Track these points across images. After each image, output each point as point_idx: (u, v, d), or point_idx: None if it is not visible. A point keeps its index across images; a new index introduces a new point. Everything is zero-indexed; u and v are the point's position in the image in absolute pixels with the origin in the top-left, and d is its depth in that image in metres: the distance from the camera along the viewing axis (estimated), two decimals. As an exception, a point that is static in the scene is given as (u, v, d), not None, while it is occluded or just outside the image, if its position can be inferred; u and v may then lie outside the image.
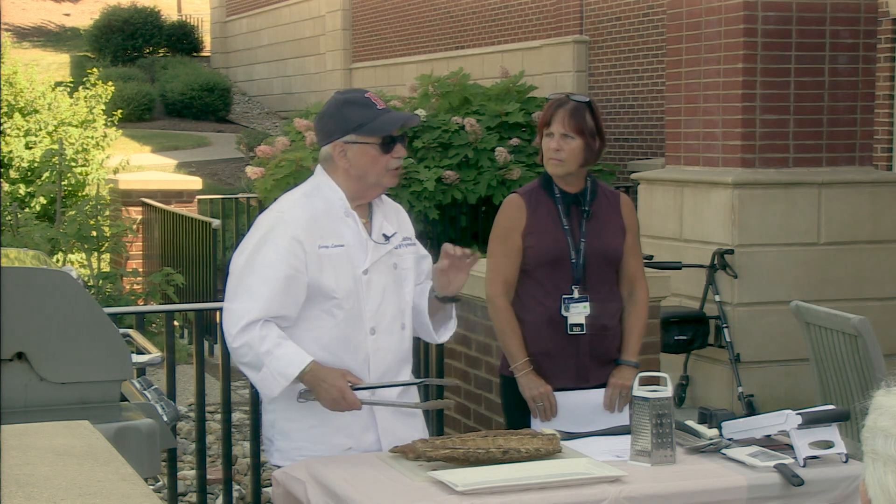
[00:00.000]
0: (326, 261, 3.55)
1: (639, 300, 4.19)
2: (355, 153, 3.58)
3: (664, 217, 7.72)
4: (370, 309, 3.62)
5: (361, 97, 3.61)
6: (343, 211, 3.60)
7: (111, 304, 8.38)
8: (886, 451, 1.86)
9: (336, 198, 3.60)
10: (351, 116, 3.56)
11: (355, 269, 3.59)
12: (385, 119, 3.58)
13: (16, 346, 3.29)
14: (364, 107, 3.58)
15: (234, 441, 5.93)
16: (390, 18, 19.17)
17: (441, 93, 12.11)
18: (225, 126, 22.68)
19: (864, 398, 1.96)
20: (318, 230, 3.55)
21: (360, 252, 3.60)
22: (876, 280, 7.41)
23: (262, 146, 11.97)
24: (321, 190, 3.62)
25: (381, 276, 3.64)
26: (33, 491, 2.13)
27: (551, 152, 4.05)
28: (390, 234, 3.67)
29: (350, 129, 3.56)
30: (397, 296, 3.68)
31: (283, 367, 3.49)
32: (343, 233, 3.59)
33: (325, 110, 3.65)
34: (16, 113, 14.21)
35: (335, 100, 3.65)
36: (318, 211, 3.58)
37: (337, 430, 3.61)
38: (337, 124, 3.59)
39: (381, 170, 3.60)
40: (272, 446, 3.73)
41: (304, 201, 3.60)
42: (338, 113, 3.59)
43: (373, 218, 3.68)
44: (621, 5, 13.39)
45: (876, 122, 7.74)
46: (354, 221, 3.62)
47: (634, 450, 3.44)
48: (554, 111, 4.06)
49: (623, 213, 4.19)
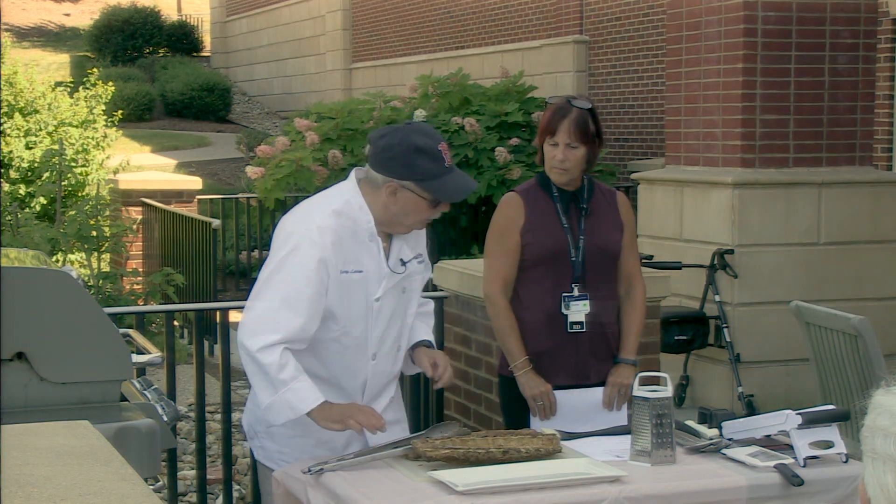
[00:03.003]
0: (345, 286, 3.50)
1: (636, 298, 4.20)
2: (406, 198, 3.50)
3: (664, 217, 7.72)
4: (375, 336, 3.60)
5: (434, 149, 3.48)
6: (368, 235, 3.53)
7: (111, 304, 8.38)
8: (885, 451, 1.86)
9: (364, 220, 3.52)
10: (419, 166, 3.46)
11: (368, 297, 3.55)
12: (451, 183, 3.50)
13: (16, 346, 3.29)
14: (435, 160, 3.47)
15: (234, 441, 5.93)
16: (390, 18, 19.17)
17: (441, 93, 12.11)
18: (225, 126, 22.68)
19: (864, 398, 1.96)
20: (343, 254, 3.49)
21: (375, 279, 3.56)
22: (876, 280, 7.41)
23: (262, 146, 11.97)
24: (351, 207, 3.53)
25: (390, 302, 3.60)
26: (33, 491, 2.13)
27: (556, 162, 4.04)
28: (407, 260, 3.62)
29: (413, 177, 3.47)
30: (401, 320, 3.67)
31: (296, 402, 3.43)
32: (363, 259, 3.53)
33: (393, 144, 3.49)
34: (16, 113, 14.21)
35: (409, 141, 3.48)
36: (345, 233, 3.50)
37: (320, 444, 3.61)
38: (402, 166, 3.47)
39: (419, 219, 3.56)
40: (256, 440, 3.72)
41: (333, 221, 3.49)
42: (407, 156, 3.47)
43: (392, 243, 3.62)
44: (621, 5, 13.39)
45: (876, 122, 7.74)
46: (377, 247, 3.55)
47: (634, 450, 3.44)
48: (559, 120, 4.03)
49: (620, 211, 4.20)
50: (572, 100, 4.10)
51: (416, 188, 3.48)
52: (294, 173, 11.06)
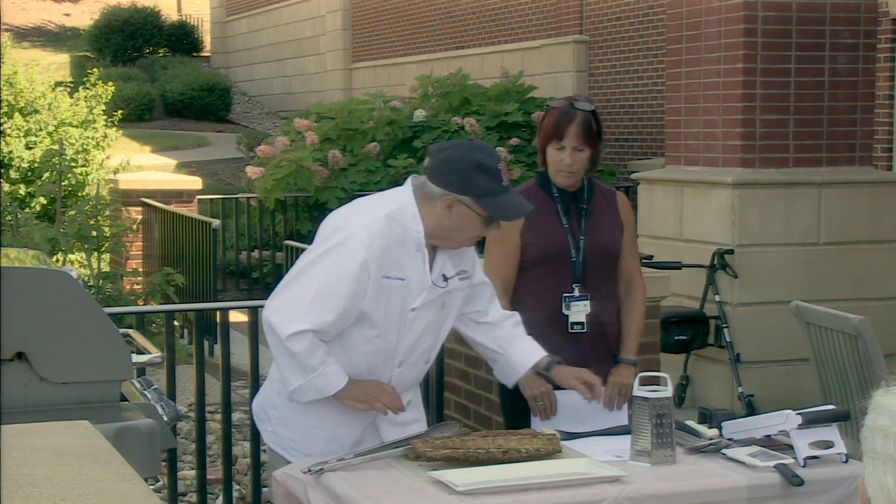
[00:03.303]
0: (384, 292, 3.50)
1: (636, 298, 4.20)
2: (461, 213, 3.51)
3: (664, 217, 7.72)
4: (406, 345, 3.60)
5: (494, 167, 3.50)
6: (415, 245, 3.53)
7: (111, 304, 8.38)
8: (885, 451, 1.86)
9: (414, 230, 3.52)
10: (478, 183, 3.48)
11: (405, 305, 3.54)
12: (508, 203, 3.52)
13: (16, 346, 3.29)
14: (493, 178, 3.49)
15: (234, 441, 5.93)
16: (390, 18, 19.17)
17: (441, 93, 12.12)
18: (225, 126, 22.68)
19: (864, 398, 1.96)
20: (387, 260, 3.49)
21: (416, 289, 3.55)
22: (876, 280, 7.41)
23: (262, 146, 11.99)
24: (403, 215, 3.52)
25: (426, 315, 3.60)
26: (33, 491, 2.13)
27: (564, 166, 4.04)
28: (450, 276, 3.62)
29: (472, 193, 3.48)
30: (434, 334, 3.67)
31: (323, 386, 3.49)
32: (407, 267, 3.53)
33: (455, 157, 3.51)
34: (16, 113, 14.21)
35: (470, 157, 3.50)
36: (394, 239, 3.50)
37: (332, 440, 3.62)
38: (462, 182, 3.48)
39: (471, 236, 3.57)
40: (268, 424, 3.73)
41: (384, 226, 3.48)
42: (467, 172, 3.48)
43: (437, 256, 3.61)
44: (621, 5, 13.40)
45: (876, 122, 7.74)
46: (423, 259, 3.55)
47: (634, 450, 3.44)
48: (566, 125, 4.02)
49: (620, 211, 4.20)
50: (575, 102, 4.09)
51: (472, 204, 3.49)
52: (294, 173, 11.07)
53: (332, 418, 3.61)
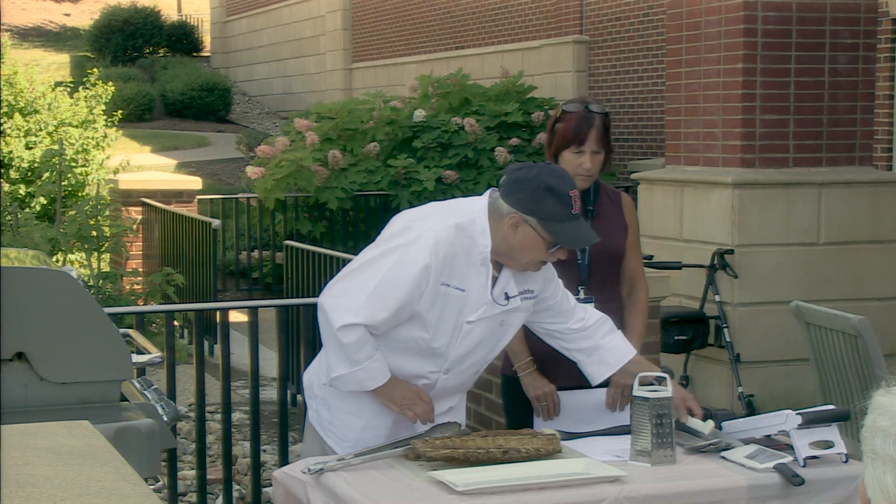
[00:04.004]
0: (441, 298, 3.50)
1: (639, 299, 4.20)
2: (525, 234, 3.49)
3: (664, 217, 7.72)
4: (457, 354, 3.60)
5: (566, 193, 3.48)
6: (481, 259, 3.53)
7: (111, 304, 8.38)
8: (885, 451, 1.86)
9: (482, 243, 3.51)
10: (547, 206, 3.47)
11: (461, 317, 3.54)
12: (573, 231, 3.50)
13: (16, 346, 3.29)
14: (563, 204, 3.48)
15: (234, 441, 5.93)
16: (390, 18, 19.17)
17: (441, 93, 12.12)
18: (225, 126, 22.69)
19: (864, 398, 1.96)
20: (451, 268, 3.49)
21: (475, 303, 3.54)
22: (876, 280, 7.41)
23: (262, 146, 11.99)
24: (474, 227, 3.52)
25: (482, 330, 3.59)
26: (33, 491, 2.13)
27: (583, 171, 4.03)
28: (512, 296, 3.60)
29: (538, 214, 3.47)
30: (489, 348, 3.66)
31: (365, 380, 3.51)
32: (470, 279, 3.52)
33: (527, 177, 3.50)
34: (16, 113, 14.21)
35: (542, 179, 3.49)
36: (460, 249, 3.50)
37: (368, 428, 3.63)
38: (531, 203, 3.48)
39: (534, 259, 3.54)
40: (314, 402, 3.75)
41: (453, 234, 3.48)
42: (537, 193, 3.47)
43: (501, 273, 3.60)
44: (621, 5, 13.40)
45: (876, 122, 7.74)
46: (486, 273, 3.54)
47: (634, 450, 3.44)
48: (587, 130, 4.02)
49: (625, 212, 4.20)
50: (590, 105, 4.09)
51: (537, 226, 3.48)
52: (294, 173, 11.07)
53: (371, 407, 3.62)
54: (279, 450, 5.34)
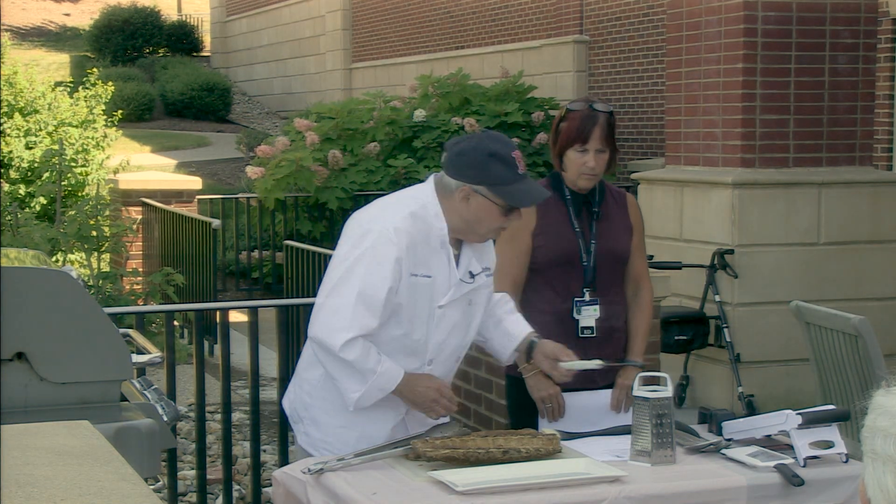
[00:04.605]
0: (412, 289, 3.52)
1: (643, 300, 4.19)
2: (478, 204, 3.52)
3: (664, 217, 7.72)
4: (435, 342, 3.61)
5: (509, 155, 3.51)
6: (440, 242, 3.55)
7: (111, 304, 8.38)
8: (885, 451, 1.86)
9: (438, 227, 3.54)
10: (492, 171, 3.49)
11: (433, 303, 3.56)
12: (523, 190, 3.52)
13: (16, 346, 3.29)
14: (508, 166, 3.50)
15: (234, 441, 5.93)
16: (390, 18, 19.17)
17: (441, 93, 12.13)
18: (225, 126, 22.69)
19: (864, 398, 1.96)
20: (414, 257, 3.51)
21: (443, 286, 3.57)
22: (876, 280, 7.41)
23: (262, 146, 11.99)
24: (427, 212, 3.55)
25: (454, 313, 3.61)
26: (33, 491, 2.12)
27: (587, 169, 4.03)
28: (476, 273, 3.63)
29: (486, 182, 3.50)
30: (463, 332, 3.67)
31: (384, 384, 3.50)
32: (433, 264, 3.55)
33: (468, 149, 3.54)
34: (16, 113, 14.21)
35: (483, 147, 3.53)
36: (419, 237, 3.52)
37: (363, 438, 3.61)
38: (476, 172, 3.50)
39: (492, 227, 3.56)
40: (301, 426, 3.73)
41: (409, 223, 3.51)
42: (482, 163, 3.50)
43: (462, 253, 3.63)
44: (621, 5, 13.40)
45: (876, 122, 7.74)
46: (448, 255, 3.57)
47: (634, 450, 3.44)
48: (590, 128, 4.01)
49: (630, 213, 4.19)
50: (594, 104, 4.08)
51: (488, 193, 3.50)
52: (294, 173, 11.07)
53: (363, 417, 3.61)
54: (279, 450, 5.34)
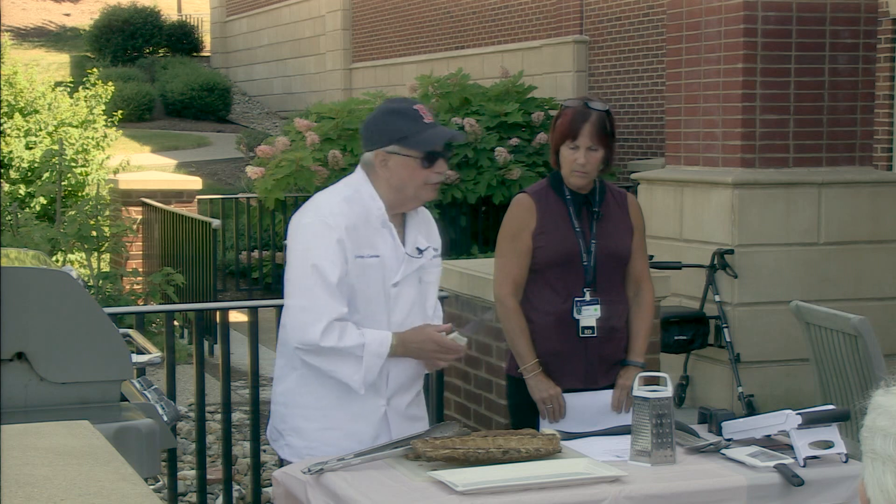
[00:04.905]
0: (362, 271, 3.55)
1: (644, 301, 4.18)
2: (397, 164, 3.55)
3: (664, 217, 7.72)
4: (396, 322, 3.62)
5: (409, 108, 3.57)
6: (380, 221, 3.58)
7: (111, 304, 8.38)
8: (885, 451, 1.86)
9: (375, 207, 3.58)
10: (396, 127, 3.54)
11: (386, 282, 3.58)
12: (430, 134, 3.55)
13: (16, 346, 3.29)
14: (411, 119, 3.54)
15: (234, 441, 5.93)
16: (390, 18, 19.17)
17: (441, 93, 12.12)
18: (225, 126, 22.68)
19: (864, 398, 1.96)
20: (357, 239, 3.54)
21: (393, 264, 3.59)
22: (876, 280, 7.41)
23: (262, 146, 11.98)
24: (361, 196, 3.59)
25: (409, 290, 3.64)
26: (33, 491, 2.13)
27: (577, 166, 4.03)
28: (423, 248, 3.65)
29: (394, 139, 3.54)
30: (421, 311, 3.68)
31: (377, 349, 3.51)
32: (379, 244, 3.58)
33: (371, 117, 3.63)
34: (16, 113, 14.22)
35: (383, 108, 3.62)
36: (358, 219, 3.55)
37: (349, 436, 3.62)
38: (381, 133, 3.56)
39: (419, 183, 3.58)
40: (282, 440, 3.73)
41: (344, 207, 3.55)
42: (384, 122, 3.56)
43: (407, 230, 3.65)
44: (621, 5, 13.39)
45: (876, 122, 7.74)
46: (391, 233, 3.60)
47: (634, 450, 3.44)
48: (580, 124, 4.01)
49: (631, 213, 4.18)
50: (589, 102, 4.08)
51: (401, 150, 3.55)
52: (294, 173, 11.07)
53: (344, 415, 3.62)
54: (279, 450, 5.34)
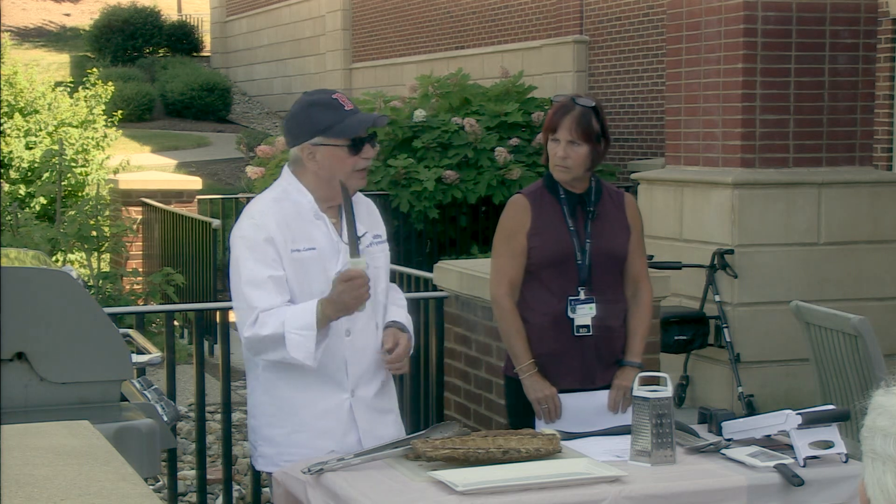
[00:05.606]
0: (300, 265, 3.56)
1: (643, 300, 4.18)
2: (323, 155, 3.56)
3: (664, 217, 7.72)
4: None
5: (328, 98, 3.58)
6: (313, 214, 3.60)
7: (111, 304, 8.38)
8: (885, 451, 1.86)
9: (305, 201, 3.60)
10: (318, 118, 3.55)
11: (328, 272, 3.56)
12: (353, 121, 3.56)
13: (16, 346, 3.29)
14: (331, 109, 3.55)
15: (234, 441, 5.93)
16: (390, 18, 19.17)
17: (441, 93, 12.11)
18: (225, 126, 22.68)
19: (864, 398, 1.96)
20: (290, 233, 3.55)
21: (331, 254, 3.60)
22: (876, 280, 7.41)
23: (262, 146, 11.98)
24: (289, 193, 3.63)
25: None
26: (33, 491, 2.13)
27: (558, 159, 4.03)
28: (361, 234, 3.63)
29: (317, 131, 3.55)
30: (373, 296, 3.64)
31: (301, 319, 3.47)
32: (314, 235, 3.59)
33: (292, 112, 3.63)
34: (16, 113, 14.22)
35: (302, 102, 3.63)
36: (289, 214, 3.58)
37: (319, 435, 3.61)
38: (304, 127, 3.57)
39: (348, 171, 3.58)
40: (255, 452, 3.74)
41: (273, 206, 3.60)
42: (306, 115, 3.57)
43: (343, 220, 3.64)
44: (621, 5, 13.39)
45: (876, 122, 7.74)
46: (325, 224, 3.61)
47: (634, 450, 3.44)
48: (560, 118, 4.02)
49: (627, 213, 4.17)
50: (576, 98, 4.09)
51: (326, 140, 3.56)
52: (294, 173, 11.05)
53: (310, 414, 3.61)
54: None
